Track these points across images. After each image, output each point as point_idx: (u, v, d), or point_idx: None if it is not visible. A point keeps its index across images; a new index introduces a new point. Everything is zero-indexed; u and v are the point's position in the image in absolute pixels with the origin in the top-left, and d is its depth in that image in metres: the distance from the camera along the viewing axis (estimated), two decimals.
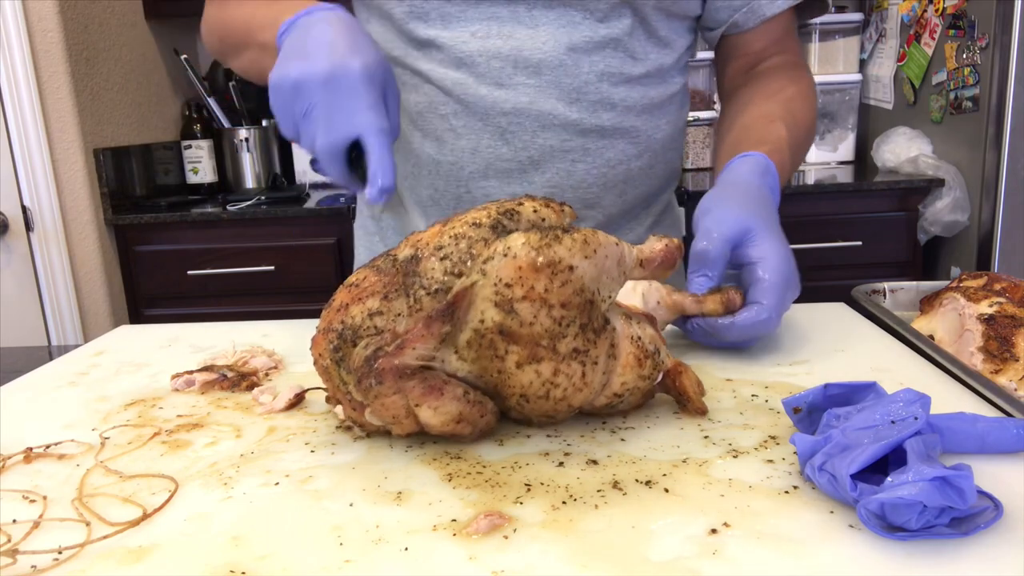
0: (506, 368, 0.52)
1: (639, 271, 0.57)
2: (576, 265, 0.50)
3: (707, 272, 0.69)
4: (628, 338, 0.55)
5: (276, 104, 0.70)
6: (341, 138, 0.67)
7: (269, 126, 2.64)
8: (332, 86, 0.66)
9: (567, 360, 0.52)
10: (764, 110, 0.88)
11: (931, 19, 2.18)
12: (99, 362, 0.79)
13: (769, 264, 0.68)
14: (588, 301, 0.51)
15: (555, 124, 0.86)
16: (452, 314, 0.50)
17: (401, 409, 0.52)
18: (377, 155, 0.66)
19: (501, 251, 0.50)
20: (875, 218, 2.16)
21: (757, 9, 0.90)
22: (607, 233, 0.54)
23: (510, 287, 0.49)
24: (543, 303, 0.50)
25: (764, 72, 0.95)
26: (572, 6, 0.84)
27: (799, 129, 0.88)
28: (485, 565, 0.41)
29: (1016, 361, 0.64)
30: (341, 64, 0.66)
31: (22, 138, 2.13)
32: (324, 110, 0.67)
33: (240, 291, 2.27)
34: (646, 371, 0.56)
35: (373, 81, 0.67)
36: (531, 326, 0.50)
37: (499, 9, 0.84)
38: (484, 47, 0.84)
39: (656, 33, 0.88)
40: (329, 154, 0.67)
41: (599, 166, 0.89)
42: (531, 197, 0.55)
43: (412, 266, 0.51)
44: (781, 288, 0.68)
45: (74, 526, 0.46)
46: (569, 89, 0.85)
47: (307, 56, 0.68)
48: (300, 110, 0.68)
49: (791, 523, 0.43)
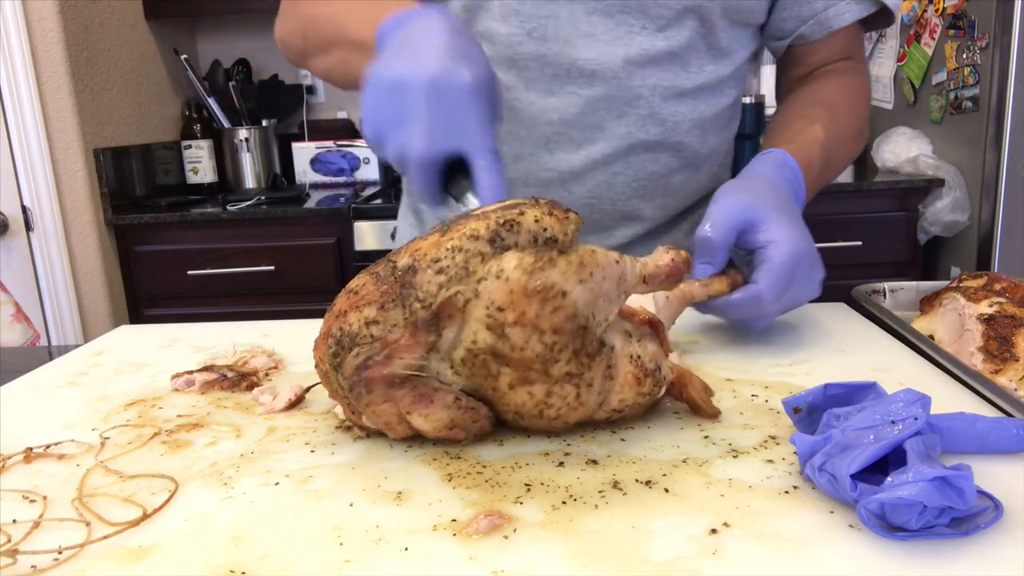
0: (499, 387, 0.52)
1: (642, 287, 0.56)
2: (570, 290, 0.49)
3: (709, 259, 0.70)
4: (627, 357, 0.54)
5: (369, 103, 0.63)
6: (442, 151, 0.60)
7: (269, 126, 2.64)
8: (439, 94, 0.59)
9: (560, 383, 0.51)
10: (805, 112, 0.87)
11: (931, 19, 2.18)
12: (99, 362, 0.79)
13: (774, 248, 0.68)
14: (582, 327, 0.50)
15: (601, 137, 0.84)
16: (437, 324, 0.50)
17: (393, 416, 0.52)
18: (488, 179, 0.59)
19: (495, 272, 0.49)
20: (875, 218, 2.16)
21: (824, 21, 0.88)
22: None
23: (502, 311, 0.49)
24: (535, 329, 0.49)
25: (818, 76, 0.93)
26: (632, 14, 0.81)
27: (840, 133, 0.86)
28: (485, 565, 0.41)
29: (1016, 361, 0.64)
30: (451, 71, 0.60)
31: (22, 138, 2.13)
32: (425, 118, 0.59)
33: (240, 291, 2.27)
34: (646, 388, 0.55)
35: (482, 96, 0.61)
36: (522, 351, 0.49)
37: (559, 7, 0.81)
38: (539, 51, 0.82)
39: (718, 44, 0.86)
40: (424, 166, 0.61)
41: (640, 179, 0.88)
42: (535, 202, 0.53)
43: (409, 277, 0.51)
44: (783, 270, 0.68)
45: (74, 526, 0.46)
46: (620, 103, 0.83)
47: (416, 57, 0.61)
48: (395, 113, 0.61)
49: (791, 523, 0.43)
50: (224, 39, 2.81)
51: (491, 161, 0.60)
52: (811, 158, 0.81)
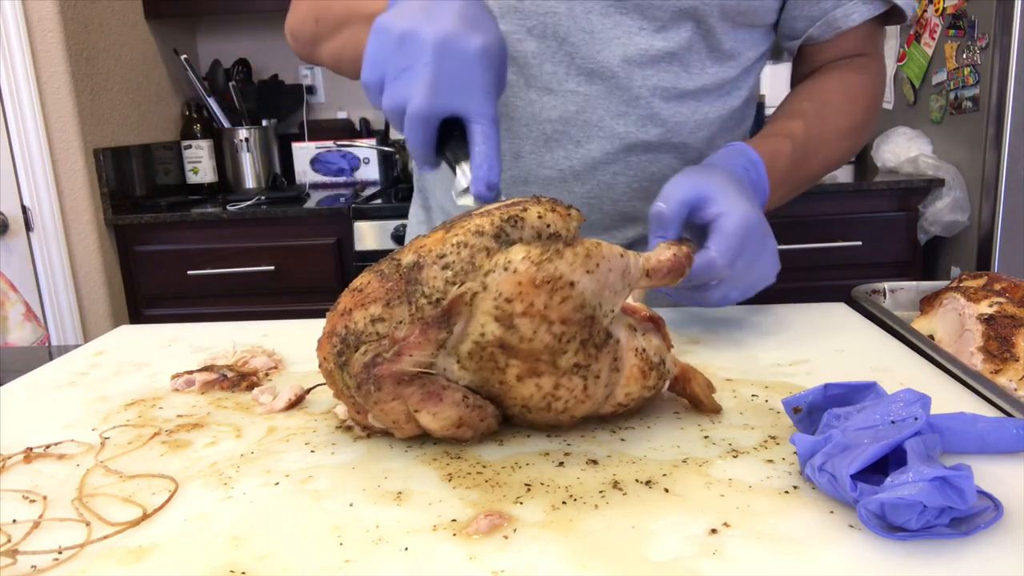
0: (507, 380, 0.52)
1: (645, 281, 0.56)
2: (577, 281, 0.50)
3: (662, 232, 0.70)
4: (632, 350, 0.55)
5: (372, 51, 0.62)
6: (441, 109, 0.60)
7: (269, 126, 2.64)
8: (446, 51, 0.59)
9: (568, 375, 0.52)
10: (789, 109, 0.87)
11: (931, 19, 2.18)
12: (99, 362, 0.79)
13: (723, 218, 0.68)
14: (589, 317, 0.51)
15: (600, 136, 0.84)
16: (448, 320, 0.50)
17: (401, 414, 0.52)
18: (484, 146, 0.60)
19: (502, 264, 0.49)
20: (875, 218, 2.16)
21: (832, 22, 0.87)
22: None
23: (510, 302, 0.49)
24: (543, 319, 0.49)
25: (820, 73, 0.92)
26: (629, 15, 0.81)
27: (825, 130, 0.86)
28: (485, 565, 0.41)
29: (1016, 361, 0.64)
30: (462, 33, 0.59)
31: (22, 138, 2.13)
32: (431, 73, 0.59)
33: (240, 291, 2.27)
34: (651, 382, 0.56)
35: (491, 62, 0.61)
36: (531, 342, 0.50)
37: (557, 4, 0.81)
38: (538, 48, 0.82)
39: (720, 46, 0.85)
40: (423, 122, 0.60)
41: (640, 180, 0.88)
42: (537, 200, 0.54)
43: (415, 273, 0.51)
44: (733, 237, 0.68)
45: (74, 526, 0.46)
46: (618, 102, 0.83)
47: (428, 14, 0.60)
48: (400, 63, 0.60)
49: (791, 523, 0.43)
50: (224, 39, 2.81)
51: (490, 128, 0.60)
52: (777, 152, 0.80)
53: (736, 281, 0.70)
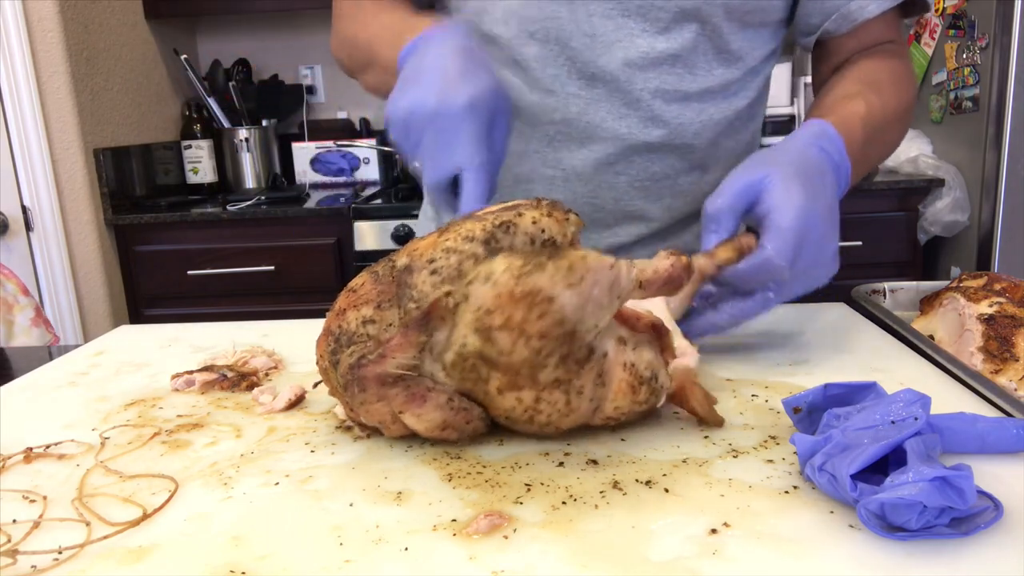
0: (489, 391, 0.51)
1: (638, 293, 0.54)
2: (557, 296, 0.48)
3: (715, 227, 0.67)
4: (620, 365, 0.53)
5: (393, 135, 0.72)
6: (444, 175, 0.68)
7: (269, 126, 2.64)
8: (437, 122, 0.67)
9: (548, 389, 0.51)
10: (844, 91, 0.83)
11: (931, 19, 2.18)
12: (99, 362, 0.79)
13: (779, 212, 0.65)
14: (570, 332, 0.50)
15: (602, 137, 0.84)
16: (427, 325, 0.50)
17: (387, 415, 0.52)
18: (472, 190, 0.67)
19: (484, 275, 0.48)
20: (875, 218, 2.16)
21: (848, 15, 0.85)
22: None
23: (490, 314, 0.48)
24: (521, 333, 0.48)
25: (855, 59, 0.89)
26: (631, 17, 0.81)
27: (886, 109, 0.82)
28: (485, 565, 0.41)
29: (1016, 361, 0.64)
30: (447, 97, 0.67)
31: (22, 138, 2.13)
32: (431, 145, 0.68)
33: (240, 291, 2.27)
34: (641, 397, 0.54)
35: (477, 112, 0.67)
36: (510, 355, 0.49)
37: (559, 8, 0.82)
38: (541, 53, 0.83)
39: (726, 47, 0.84)
40: (435, 189, 0.69)
41: (643, 179, 0.87)
42: (536, 203, 0.53)
43: (405, 276, 0.51)
44: (790, 233, 0.64)
45: (74, 526, 0.46)
46: (619, 104, 0.83)
47: (419, 85, 0.69)
48: (413, 143, 0.70)
49: (791, 523, 0.43)
50: (224, 39, 2.81)
51: (477, 174, 0.67)
52: (852, 129, 0.76)
53: (794, 284, 0.66)
